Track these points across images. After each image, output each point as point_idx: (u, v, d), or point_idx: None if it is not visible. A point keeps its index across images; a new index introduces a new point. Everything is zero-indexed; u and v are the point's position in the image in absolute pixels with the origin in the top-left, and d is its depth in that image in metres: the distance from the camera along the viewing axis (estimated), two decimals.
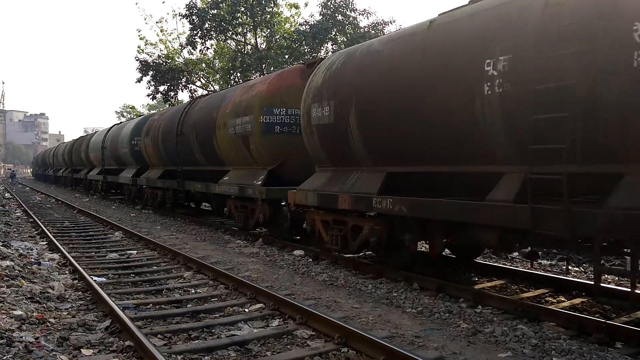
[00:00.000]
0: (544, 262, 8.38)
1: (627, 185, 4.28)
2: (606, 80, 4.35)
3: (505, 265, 8.02)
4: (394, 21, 23.18)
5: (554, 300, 6.03)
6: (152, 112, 32.11)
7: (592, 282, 5.56)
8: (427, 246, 7.66)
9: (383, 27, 22.88)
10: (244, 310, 5.74)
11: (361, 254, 8.34)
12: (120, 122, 24.48)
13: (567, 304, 5.79)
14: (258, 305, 5.84)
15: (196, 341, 4.76)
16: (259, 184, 10.12)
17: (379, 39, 7.87)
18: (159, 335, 4.84)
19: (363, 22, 23.48)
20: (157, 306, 5.96)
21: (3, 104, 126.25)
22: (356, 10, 23.27)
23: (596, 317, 5.15)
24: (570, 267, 7.70)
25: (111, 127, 24.63)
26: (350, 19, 23.27)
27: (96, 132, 30.25)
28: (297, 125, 9.84)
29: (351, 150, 7.57)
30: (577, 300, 5.90)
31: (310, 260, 8.57)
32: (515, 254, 8.47)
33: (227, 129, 11.39)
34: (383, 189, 6.91)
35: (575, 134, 4.57)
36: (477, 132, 5.53)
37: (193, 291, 6.68)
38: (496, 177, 5.42)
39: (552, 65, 4.65)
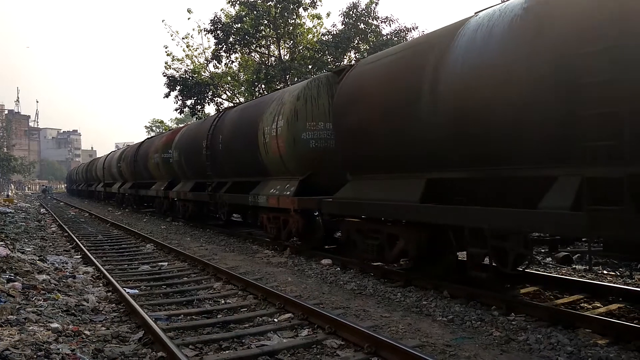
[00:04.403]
0: (579, 267, 8.18)
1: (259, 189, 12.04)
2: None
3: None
4: (417, 27, 22.94)
5: (590, 307, 5.87)
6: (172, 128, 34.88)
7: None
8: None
9: (406, 33, 22.70)
10: (274, 320, 5.77)
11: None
12: (116, 149, 34.30)
13: (603, 309, 5.65)
14: (287, 315, 5.86)
15: (227, 351, 4.80)
16: (162, 189, 19.72)
17: (194, 123, 20.17)
18: (190, 346, 4.90)
19: (385, 29, 23.40)
20: (189, 317, 6.05)
21: (37, 122, 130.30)
22: (378, 18, 23.21)
23: (634, 324, 5.00)
24: (605, 272, 7.64)
25: (109, 154, 34.86)
26: (373, 27, 23.22)
27: (104, 155, 39.05)
28: None
29: (184, 172, 17.31)
30: (614, 306, 5.74)
31: (338, 269, 8.56)
32: (549, 259, 8.50)
33: (152, 160, 21.17)
34: (192, 189, 16.17)
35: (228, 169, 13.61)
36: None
37: (223, 302, 6.76)
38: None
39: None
